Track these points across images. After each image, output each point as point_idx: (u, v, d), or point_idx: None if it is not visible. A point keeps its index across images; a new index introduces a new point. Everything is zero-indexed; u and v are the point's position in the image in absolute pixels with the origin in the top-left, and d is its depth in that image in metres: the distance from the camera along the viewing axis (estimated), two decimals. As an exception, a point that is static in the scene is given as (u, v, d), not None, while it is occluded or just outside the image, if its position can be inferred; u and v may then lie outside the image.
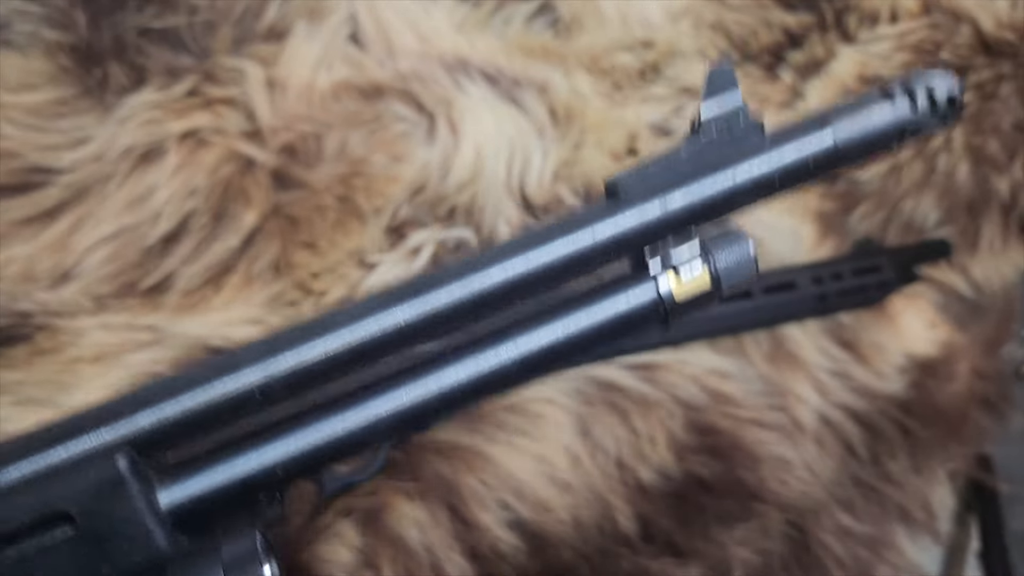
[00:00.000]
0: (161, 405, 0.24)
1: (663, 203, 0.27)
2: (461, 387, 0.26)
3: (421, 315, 0.25)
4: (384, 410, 0.25)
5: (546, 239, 0.27)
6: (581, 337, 0.28)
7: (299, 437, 0.25)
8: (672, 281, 0.28)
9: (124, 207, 0.58)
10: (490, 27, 0.75)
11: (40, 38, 0.61)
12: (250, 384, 0.24)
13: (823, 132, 0.28)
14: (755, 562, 0.59)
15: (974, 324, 0.75)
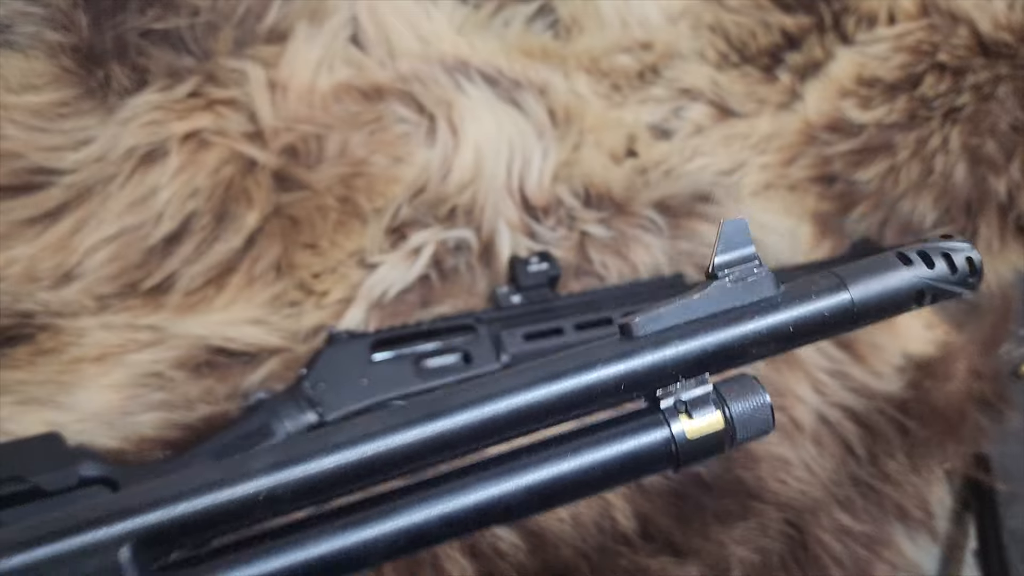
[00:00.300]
0: (169, 504, 0.24)
1: (677, 348, 0.27)
2: (466, 513, 0.26)
3: (430, 438, 0.25)
4: (382, 531, 0.25)
5: (559, 373, 0.27)
6: (591, 472, 0.27)
7: (299, 550, 0.24)
8: (685, 422, 0.28)
9: (126, 207, 0.58)
10: (490, 29, 0.76)
11: (42, 39, 0.61)
12: (257, 491, 0.24)
13: (842, 293, 0.29)
14: (754, 561, 0.60)
15: (972, 324, 0.75)
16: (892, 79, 0.74)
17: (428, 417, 0.25)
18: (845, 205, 0.75)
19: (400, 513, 0.25)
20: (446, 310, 0.60)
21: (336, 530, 0.25)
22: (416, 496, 0.25)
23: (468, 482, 0.26)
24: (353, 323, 0.58)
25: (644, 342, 0.27)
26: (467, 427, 0.25)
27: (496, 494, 0.26)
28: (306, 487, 0.24)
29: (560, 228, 0.66)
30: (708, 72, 0.77)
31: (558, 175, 0.70)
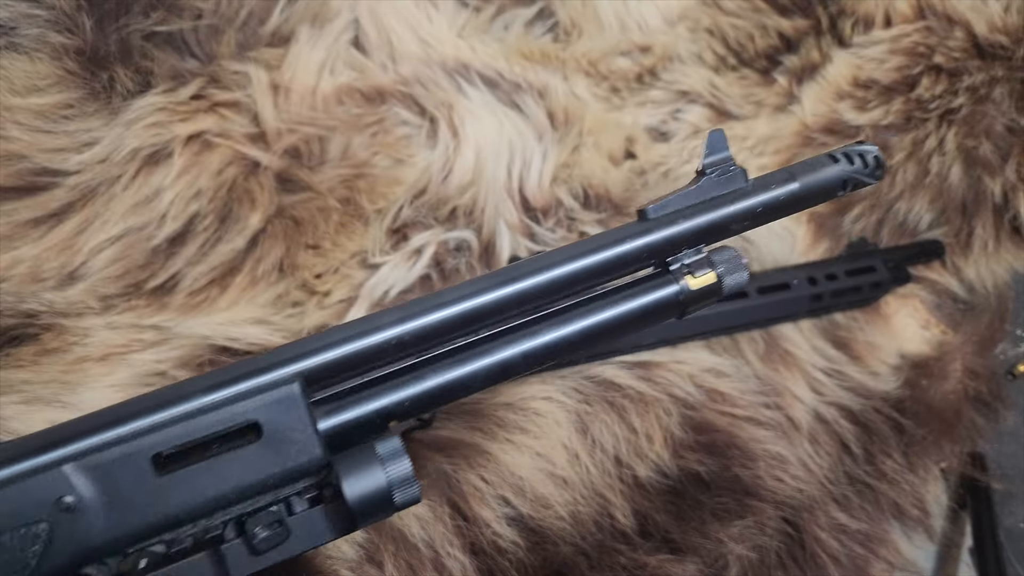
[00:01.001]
0: (324, 350, 0.32)
1: (683, 226, 0.38)
2: (538, 351, 0.35)
3: (510, 296, 0.35)
4: (480, 366, 0.34)
5: (598, 247, 0.37)
6: (625, 318, 0.37)
7: (420, 382, 0.33)
8: (689, 280, 0.38)
9: (130, 208, 0.59)
10: (490, 32, 0.76)
11: (46, 42, 0.61)
12: (389, 339, 0.33)
13: (791, 184, 0.40)
14: (751, 558, 0.60)
15: (967, 324, 0.75)
16: (888, 81, 0.75)
17: (507, 282, 0.35)
18: (842, 206, 0.76)
19: (491, 353, 0.34)
20: (447, 310, 0.61)
21: (448, 366, 0.34)
22: (502, 340, 0.35)
23: (538, 329, 0.36)
24: (355, 323, 0.59)
25: (658, 222, 0.38)
26: (535, 287, 0.35)
27: (560, 336, 0.36)
28: (424, 334, 0.33)
29: (559, 229, 0.67)
30: (706, 75, 0.78)
31: (557, 176, 0.70)
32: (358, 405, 0.32)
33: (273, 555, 0.31)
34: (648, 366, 0.61)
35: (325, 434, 0.31)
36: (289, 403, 0.30)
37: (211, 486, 0.30)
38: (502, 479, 0.56)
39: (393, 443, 0.32)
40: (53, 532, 0.28)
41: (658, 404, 0.60)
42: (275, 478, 0.30)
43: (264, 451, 0.30)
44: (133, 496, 0.29)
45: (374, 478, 0.31)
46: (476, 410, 0.58)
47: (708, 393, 0.62)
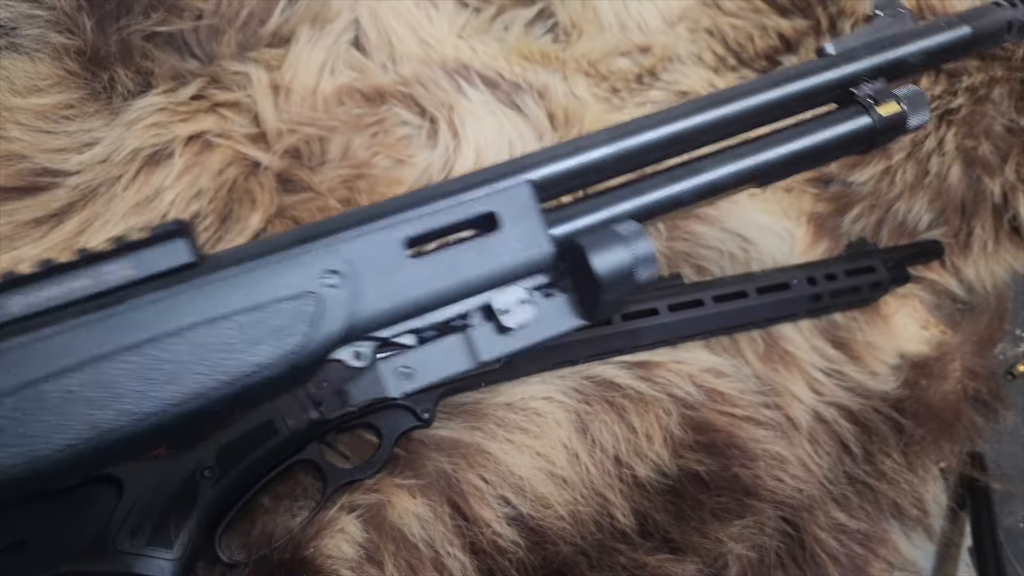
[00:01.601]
0: (550, 162, 0.35)
1: (865, 60, 0.40)
2: (740, 172, 0.38)
3: (711, 120, 0.37)
4: (692, 183, 0.37)
5: (789, 78, 0.39)
6: (816, 147, 0.40)
7: (639, 196, 0.37)
8: (879, 108, 0.40)
9: (131, 209, 0.59)
10: (490, 33, 0.76)
11: (47, 42, 0.61)
12: (605, 156, 0.36)
13: (963, 27, 0.42)
14: (751, 558, 0.60)
15: (966, 324, 0.75)
16: (888, 82, 0.75)
17: (709, 107, 0.37)
18: (841, 206, 0.76)
19: (702, 171, 0.37)
20: (447, 310, 0.61)
21: (663, 182, 0.37)
22: (711, 160, 0.38)
23: (743, 152, 0.38)
24: (355, 323, 0.59)
25: (841, 57, 0.40)
26: (734, 113, 0.38)
27: (764, 159, 0.38)
28: (637, 152, 0.36)
29: (559, 229, 0.67)
30: (706, 75, 0.78)
31: (557, 177, 0.70)
32: (584, 215, 0.36)
33: (519, 337, 0.33)
34: (648, 366, 0.61)
35: (557, 239, 0.34)
36: (520, 199, 0.34)
37: (457, 271, 0.32)
38: (502, 479, 0.56)
39: (633, 224, 0.34)
40: (321, 303, 0.30)
41: (658, 404, 0.60)
42: (512, 268, 0.33)
43: (502, 241, 0.33)
44: (389, 277, 0.31)
45: (618, 254, 0.32)
46: (476, 410, 0.59)
47: (708, 393, 0.62)
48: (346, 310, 0.31)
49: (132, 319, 0.28)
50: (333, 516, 0.53)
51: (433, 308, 0.33)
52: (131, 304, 0.28)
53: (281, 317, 0.30)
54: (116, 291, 0.29)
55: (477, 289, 0.33)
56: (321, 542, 0.52)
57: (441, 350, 0.33)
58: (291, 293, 0.30)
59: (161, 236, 0.30)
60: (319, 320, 0.31)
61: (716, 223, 0.69)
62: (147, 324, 0.29)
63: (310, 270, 0.31)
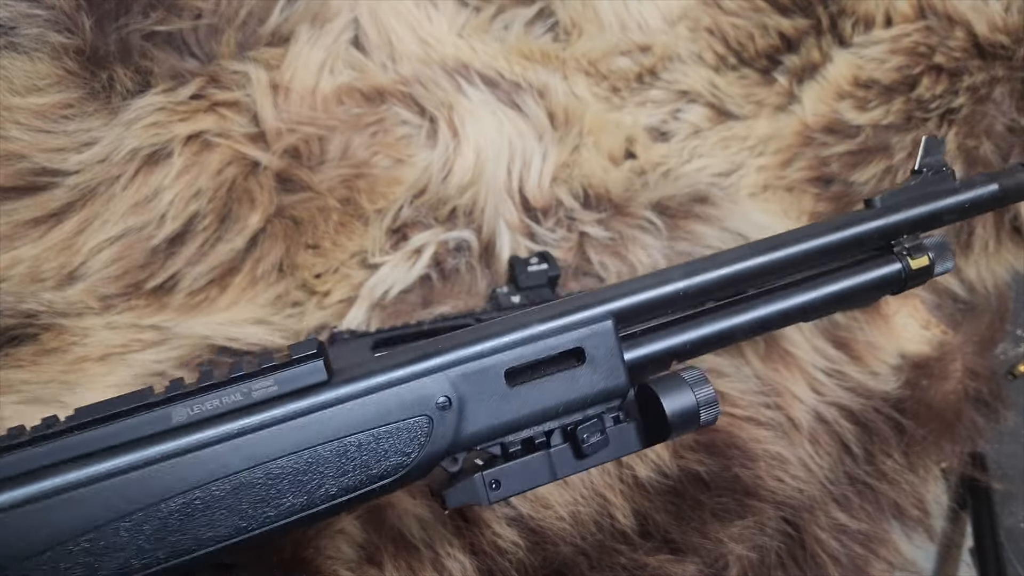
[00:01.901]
0: (629, 295, 0.40)
1: (906, 214, 0.46)
2: (787, 311, 0.43)
3: (769, 263, 0.43)
4: (744, 319, 0.43)
5: (839, 227, 0.45)
6: (855, 288, 0.45)
7: (698, 328, 0.42)
8: (910, 261, 0.45)
9: (130, 208, 0.59)
10: (490, 32, 0.76)
11: (46, 42, 0.61)
12: (677, 290, 0.40)
13: (991, 185, 0.48)
14: (751, 558, 0.60)
15: (967, 324, 0.75)
16: (889, 81, 0.75)
17: (769, 250, 0.43)
18: (842, 206, 0.76)
19: (754, 309, 0.43)
20: (447, 310, 0.61)
21: (719, 317, 0.42)
22: (761, 299, 0.43)
23: (790, 292, 0.44)
24: (355, 323, 0.59)
25: (885, 210, 0.45)
26: (790, 256, 0.43)
27: (808, 298, 0.44)
28: (703, 289, 0.41)
29: (559, 229, 0.67)
30: (706, 74, 0.78)
31: (557, 176, 0.70)
32: (651, 343, 0.41)
33: (592, 459, 0.38)
34: (648, 366, 0.61)
35: (627, 364, 0.39)
36: (605, 335, 0.38)
37: (547, 398, 0.37)
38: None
39: (697, 372, 0.39)
40: (433, 424, 0.36)
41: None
42: (593, 395, 0.38)
43: (586, 373, 0.38)
44: (490, 402, 0.37)
45: (685, 398, 0.37)
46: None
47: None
48: (453, 430, 0.36)
49: (272, 436, 0.34)
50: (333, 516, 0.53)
51: (523, 428, 0.38)
52: (280, 420, 0.34)
53: (400, 436, 0.35)
54: (261, 405, 0.34)
55: (563, 414, 0.38)
56: (321, 542, 0.52)
57: (525, 465, 0.38)
58: (412, 415, 0.35)
59: (300, 358, 0.35)
60: (430, 439, 0.36)
61: (717, 223, 0.69)
62: (291, 439, 0.34)
63: (427, 395, 0.36)
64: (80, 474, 0.31)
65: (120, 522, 0.31)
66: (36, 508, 0.31)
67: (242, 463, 0.33)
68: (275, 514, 0.34)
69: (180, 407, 0.33)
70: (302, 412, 0.34)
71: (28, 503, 0.31)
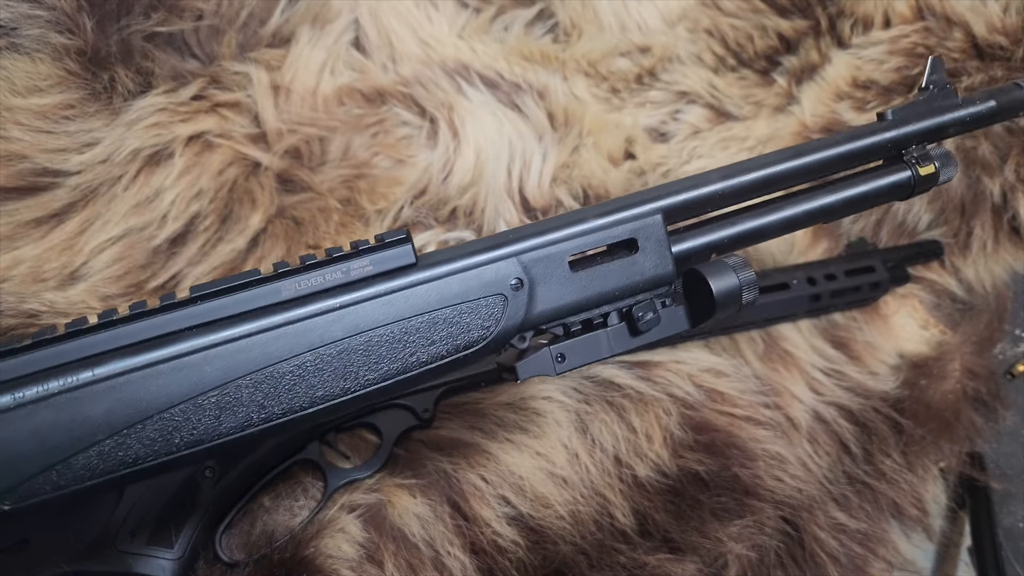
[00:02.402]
0: (674, 196, 0.44)
1: (915, 126, 0.50)
2: (811, 211, 0.48)
3: (797, 167, 0.48)
4: (773, 218, 0.47)
5: (858, 136, 0.49)
6: (869, 193, 0.50)
7: (734, 226, 0.47)
8: (919, 168, 0.50)
9: (131, 209, 0.59)
10: (491, 33, 0.77)
11: (48, 42, 0.61)
12: (715, 191, 0.45)
13: (990, 102, 0.52)
14: (751, 557, 0.60)
15: (966, 324, 0.76)
16: (887, 82, 0.75)
17: (796, 156, 0.48)
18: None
19: (782, 209, 0.48)
20: (447, 310, 0.61)
21: (752, 216, 0.47)
22: (789, 201, 0.48)
23: (814, 195, 0.49)
24: (355, 323, 0.59)
25: (896, 122, 0.50)
26: (815, 162, 0.48)
27: (829, 201, 0.49)
28: (737, 191, 0.46)
29: (559, 229, 0.67)
30: (705, 75, 0.78)
31: (557, 177, 0.70)
32: (694, 238, 0.46)
33: (646, 336, 0.43)
34: (647, 366, 0.62)
35: (674, 256, 0.44)
36: (655, 228, 0.43)
37: (604, 283, 0.42)
38: (502, 479, 0.56)
39: (739, 258, 0.43)
40: (507, 302, 0.40)
41: (657, 404, 0.60)
42: (645, 281, 0.43)
43: (639, 261, 0.43)
44: (555, 285, 0.41)
45: (730, 279, 0.42)
46: (476, 410, 0.59)
47: (707, 393, 0.62)
48: (524, 309, 0.41)
49: (371, 309, 0.38)
50: (333, 516, 0.53)
51: (585, 310, 0.42)
52: (377, 295, 0.39)
53: (480, 312, 0.40)
54: (359, 282, 0.39)
55: (618, 298, 0.43)
56: (321, 541, 0.52)
57: (587, 341, 0.42)
58: (489, 293, 0.40)
59: (391, 242, 0.39)
60: (505, 316, 0.40)
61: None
62: (386, 312, 0.38)
63: (502, 276, 0.41)
64: (206, 339, 0.36)
65: (242, 380, 0.36)
66: (173, 366, 0.35)
67: (345, 331, 0.37)
68: (375, 377, 0.38)
69: (288, 282, 0.38)
70: (395, 288, 0.39)
71: (165, 361, 0.35)
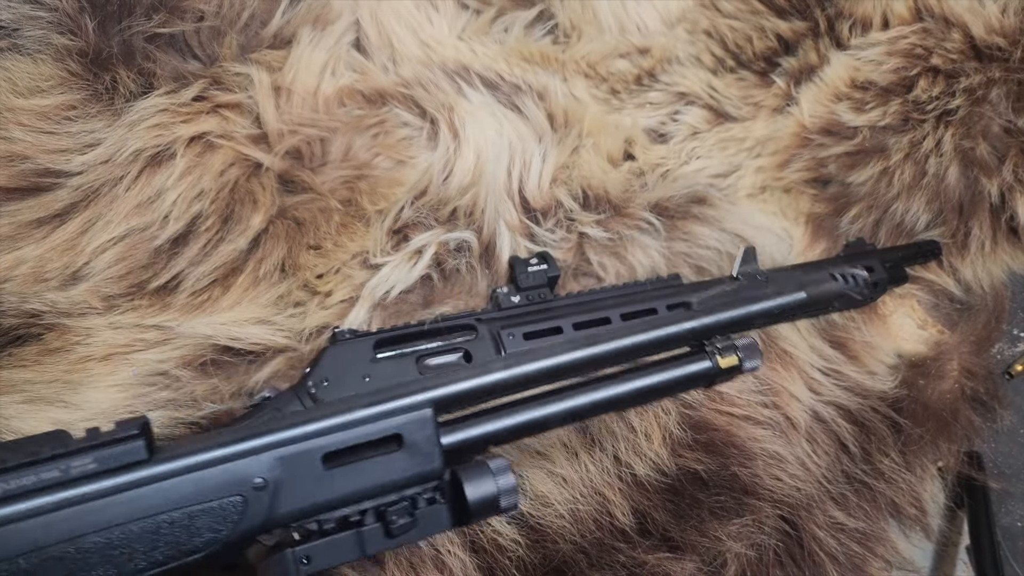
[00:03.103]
0: (449, 386, 0.44)
1: (718, 317, 0.51)
2: (598, 401, 0.48)
3: (584, 358, 0.48)
4: (556, 409, 0.47)
5: (655, 326, 0.50)
6: (668, 382, 0.50)
7: (514, 416, 0.46)
8: (719, 360, 0.51)
9: (133, 209, 0.59)
10: (491, 34, 0.77)
11: (49, 43, 0.62)
12: (496, 381, 0.45)
13: (799, 293, 0.55)
14: (749, 556, 0.61)
15: (964, 324, 0.76)
16: (886, 83, 0.75)
17: (584, 346, 0.47)
18: (839, 207, 0.76)
19: (566, 399, 0.47)
20: (447, 310, 0.61)
21: (532, 407, 0.46)
22: (574, 391, 0.47)
23: (603, 385, 0.48)
24: (356, 323, 0.59)
25: (700, 312, 0.51)
26: (604, 353, 0.48)
27: (619, 392, 0.48)
28: (519, 381, 0.45)
29: (559, 230, 0.67)
30: (704, 76, 0.79)
31: (557, 178, 0.71)
32: (469, 429, 0.44)
33: (402, 539, 0.40)
34: (647, 366, 0.62)
35: (444, 448, 0.42)
36: (423, 423, 0.42)
37: (362, 480, 0.40)
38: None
39: (502, 462, 0.42)
40: (247, 504, 0.38)
41: (657, 403, 0.60)
42: (408, 479, 0.41)
43: (403, 457, 0.41)
44: (306, 483, 0.39)
45: (487, 486, 0.41)
46: (476, 409, 0.59)
47: (706, 392, 0.62)
48: (267, 509, 0.38)
49: (92, 509, 0.35)
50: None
51: (338, 508, 0.40)
52: (93, 497, 0.36)
53: (214, 514, 0.37)
54: (77, 481, 0.36)
55: (378, 495, 0.41)
56: (322, 541, 0.52)
57: (336, 543, 0.39)
58: (225, 495, 0.37)
59: (122, 437, 0.37)
60: (244, 517, 0.38)
61: (715, 223, 0.70)
62: (103, 515, 0.35)
63: (244, 476, 0.38)
64: None
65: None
66: None
67: (52, 538, 0.34)
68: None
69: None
70: (117, 489, 0.36)
71: None
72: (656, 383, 0.49)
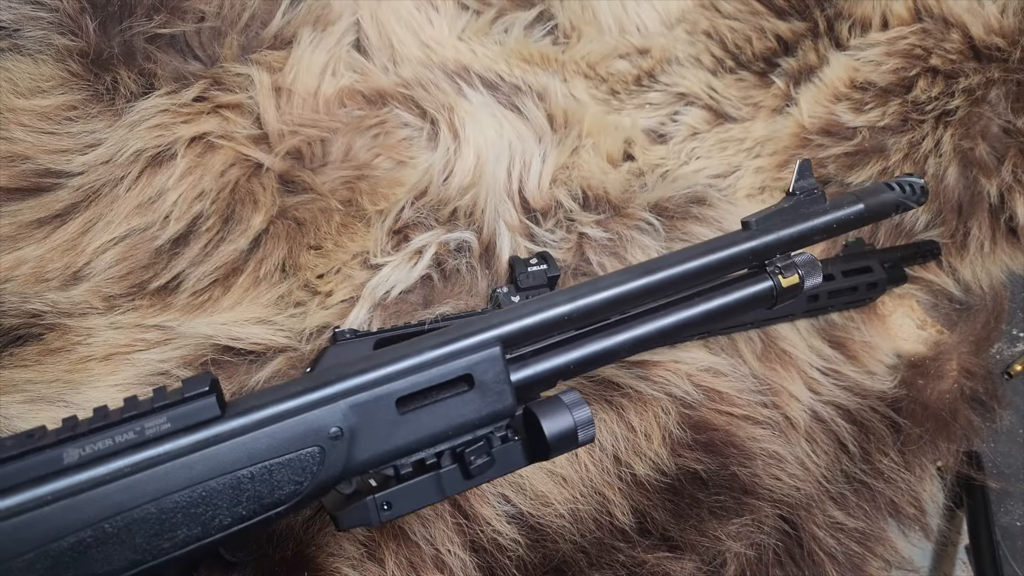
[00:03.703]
0: (516, 320, 0.42)
1: (778, 235, 0.49)
2: (665, 329, 0.47)
3: (648, 285, 0.46)
4: (625, 338, 0.46)
5: (715, 248, 0.47)
6: (735, 303, 0.48)
7: (581, 349, 0.45)
8: (780, 279, 0.49)
9: (134, 209, 0.59)
10: (491, 35, 0.77)
11: (50, 44, 0.62)
12: (562, 313, 0.43)
13: (857, 205, 0.51)
14: (749, 556, 0.61)
15: (963, 324, 0.76)
16: (885, 83, 0.76)
17: (647, 274, 0.46)
18: (839, 207, 0.76)
19: (634, 328, 0.46)
20: (447, 310, 0.61)
21: (601, 338, 0.45)
22: (642, 319, 0.46)
23: (669, 311, 0.47)
24: (357, 323, 0.59)
25: (759, 231, 0.49)
26: (667, 279, 0.46)
27: (685, 317, 0.47)
28: (586, 312, 0.44)
29: (559, 230, 0.68)
30: (704, 77, 0.79)
31: (557, 178, 0.71)
32: (537, 365, 0.43)
33: (480, 478, 0.40)
34: (646, 365, 0.62)
35: (514, 385, 0.42)
36: (493, 361, 0.41)
37: (437, 423, 0.40)
38: (502, 477, 0.56)
39: (575, 395, 0.41)
40: (325, 454, 0.37)
41: (656, 403, 0.60)
42: (481, 419, 0.41)
43: (474, 397, 0.40)
44: (381, 429, 0.38)
45: (565, 419, 0.40)
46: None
47: (706, 392, 0.62)
48: (345, 459, 0.38)
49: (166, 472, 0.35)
50: (335, 514, 0.54)
51: (414, 452, 0.40)
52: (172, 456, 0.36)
53: (293, 466, 0.37)
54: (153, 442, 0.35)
55: (453, 436, 0.40)
56: (323, 539, 0.52)
57: (415, 487, 0.40)
58: (303, 447, 0.37)
59: (192, 395, 0.36)
60: (323, 467, 0.37)
61: (714, 224, 0.70)
62: (183, 475, 0.35)
63: (319, 426, 0.37)
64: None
65: (13, 561, 0.32)
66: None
67: (134, 500, 0.34)
68: (169, 546, 0.35)
69: (72, 448, 0.34)
70: (194, 447, 0.35)
71: None
72: (719, 306, 0.47)
